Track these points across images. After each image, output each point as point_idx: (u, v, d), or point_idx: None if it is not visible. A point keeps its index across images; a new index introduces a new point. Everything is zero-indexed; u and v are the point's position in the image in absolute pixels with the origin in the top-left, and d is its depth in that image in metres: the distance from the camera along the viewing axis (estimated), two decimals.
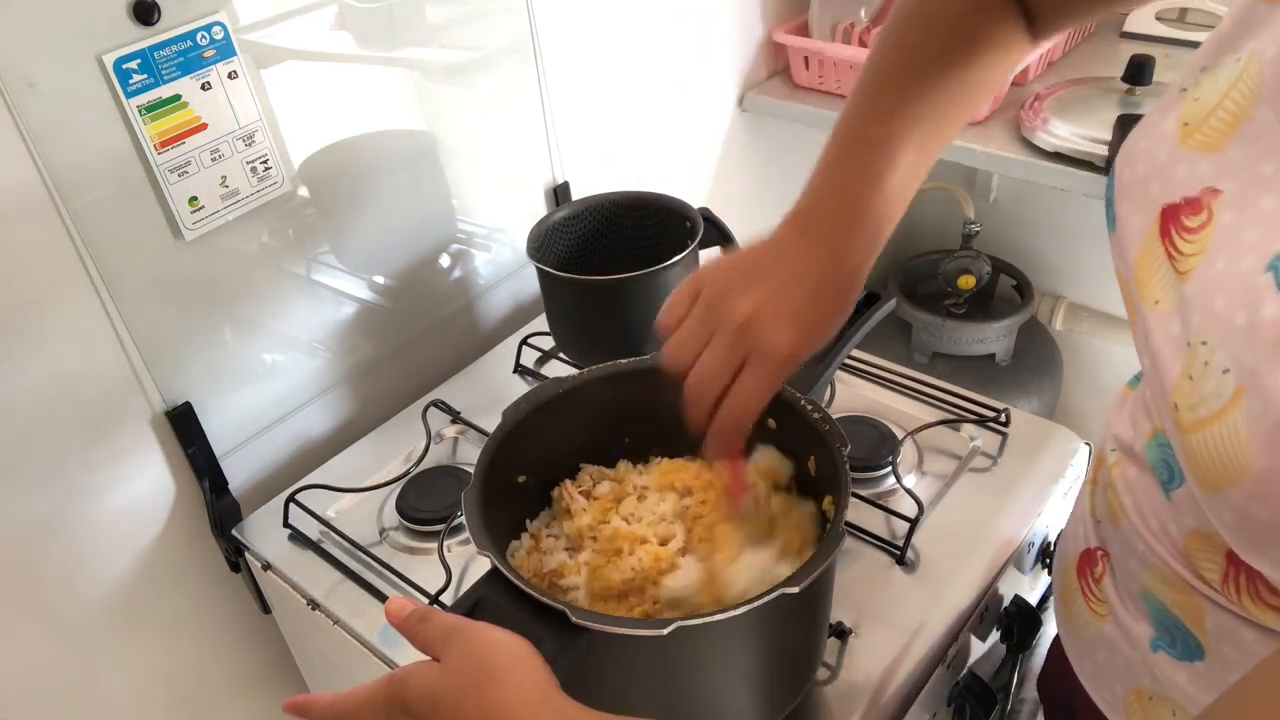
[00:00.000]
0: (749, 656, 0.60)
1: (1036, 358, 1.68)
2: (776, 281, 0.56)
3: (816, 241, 0.57)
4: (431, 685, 0.47)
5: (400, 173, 1.00)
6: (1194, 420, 0.40)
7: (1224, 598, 0.49)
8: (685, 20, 1.26)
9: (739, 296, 0.56)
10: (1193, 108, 0.45)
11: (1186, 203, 0.44)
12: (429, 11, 0.96)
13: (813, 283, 0.57)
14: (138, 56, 0.73)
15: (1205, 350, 0.40)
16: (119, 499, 0.85)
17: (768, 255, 0.58)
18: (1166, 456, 0.51)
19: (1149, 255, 0.45)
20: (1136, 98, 1.21)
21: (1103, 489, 0.60)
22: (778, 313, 0.55)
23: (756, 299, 0.56)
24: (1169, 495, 0.51)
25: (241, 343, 0.90)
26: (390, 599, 0.54)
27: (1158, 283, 0.45)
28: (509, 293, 1.16)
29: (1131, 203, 0.48)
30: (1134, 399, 0.59)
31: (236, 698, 1.04)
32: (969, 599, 0.76)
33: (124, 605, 0.89)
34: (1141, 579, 0.55)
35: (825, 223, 0.58)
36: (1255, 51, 0.43)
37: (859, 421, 0.90)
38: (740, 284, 0.57)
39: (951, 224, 1.73)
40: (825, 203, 0.58)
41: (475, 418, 0.97)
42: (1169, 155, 0.46)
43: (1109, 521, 0.59)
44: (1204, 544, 0.49)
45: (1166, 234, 0.44)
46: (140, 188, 0.77)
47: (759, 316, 0.55)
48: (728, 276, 0.58)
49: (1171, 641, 0.54)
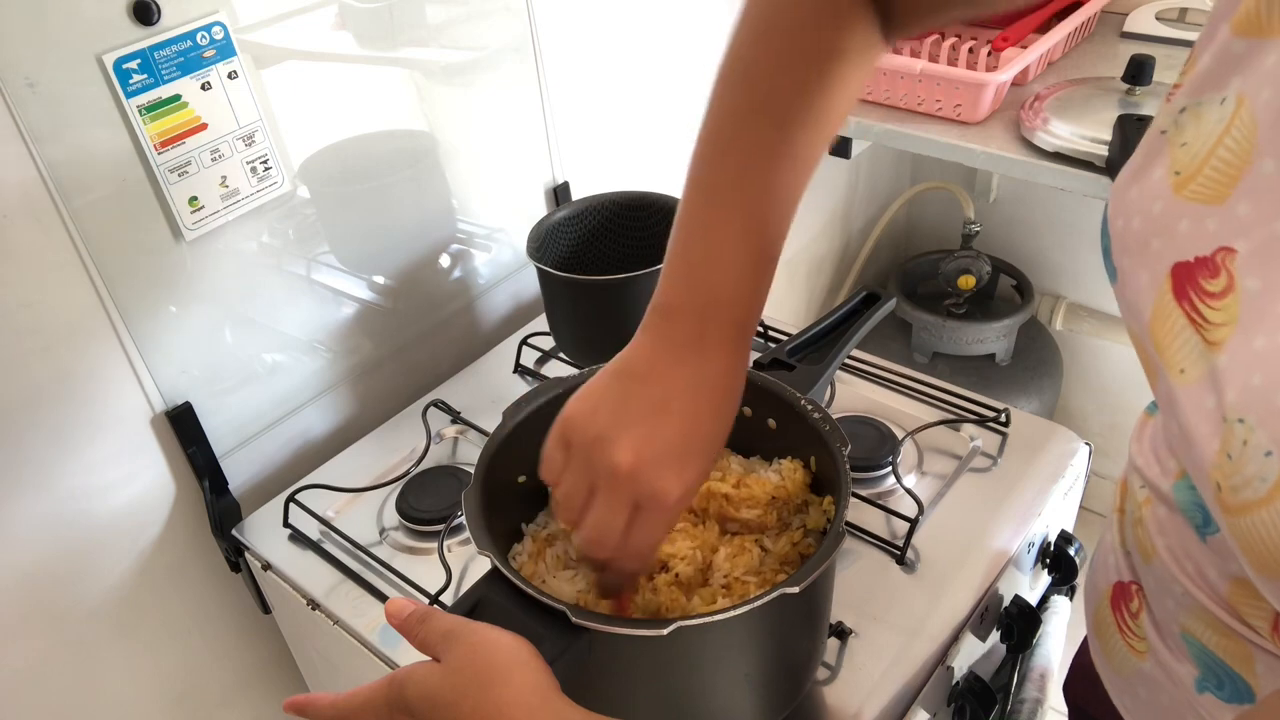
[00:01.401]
0: (749, 656, 0.60)
1: (1036, 358, 1.68)
2: (649, 415, 0.52)
3: (684, 362, 0.53)
4: (431, 686, 0.47)
5: (400, 173, 1.00)
6: (1239, 503, 0.38)
7: (1274, 645, 0.46)
8: (685, 20, 1.26)
9: (613, 445, 0.51)
10: (1180, 155, 0.43)
11: (1199, 263, 0.41)
12: (429, 11, 0.96)
13: (691, 414, 0.52)
14: (138, 56, 0.73)
15: (1243, 429, 0.38)
16: (119, 499, 0.85)
17: (634, 382, 0.53)
18: (1197, 499, 0.49)
19: (1166, 318, 0.43)
20: (1136, 98, 1.21)
21: (1131, 523, 0.57)
22: (658, 457, 0.51)
23: (632, 445, 0.51)
24: (1204, 539, 0.48)
25: (241, 343, 0.90)
26: (390, 600, 0.54)
27: (1181, 349, 0.42)
28: (509, 293, 1.16)
29: (1133, 259, 0.45)
30: (1154, 428, 0.56)
31: (236, 697, 1.04)
32: (969, 599, 0.76)
33: (124, 605, 0.89)
34: (1181, 620, 0.52)
35: (690, 338, 0.53)
36: (1244, 93, 0.40)
37: (859, 421, 0.90)
38: (611, 428, 0.52)
39: (951, 224, 1.73)
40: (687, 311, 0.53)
41: (475, 418, 0.97)
42: (1165, 208, 0.43)
43: (1140, 558, 0.55)
44: (1248, 592, 0.46)
45: (1184, 296, 0.42)
46: (140, 188, 0.77)
47: (640, 465, 0.51)
48: (596, 418, 0.53)
49: (1219, 684, 0.51)
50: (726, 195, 0.53)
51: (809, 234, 1.71)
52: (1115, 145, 1.12)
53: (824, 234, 1.76)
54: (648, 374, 0.53)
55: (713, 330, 0.53)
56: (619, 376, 0.54)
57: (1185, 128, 0.43)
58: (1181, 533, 0.51)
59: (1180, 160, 0.43)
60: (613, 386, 0.54)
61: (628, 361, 0.55)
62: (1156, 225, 0.44)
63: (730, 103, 0.54)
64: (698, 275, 0.53)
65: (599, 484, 0.52)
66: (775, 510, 0.67)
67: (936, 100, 1.29)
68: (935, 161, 1.33)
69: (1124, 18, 1.47)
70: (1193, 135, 0.43)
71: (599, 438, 0.52)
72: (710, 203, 0.54)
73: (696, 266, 0.54)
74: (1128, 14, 1.47)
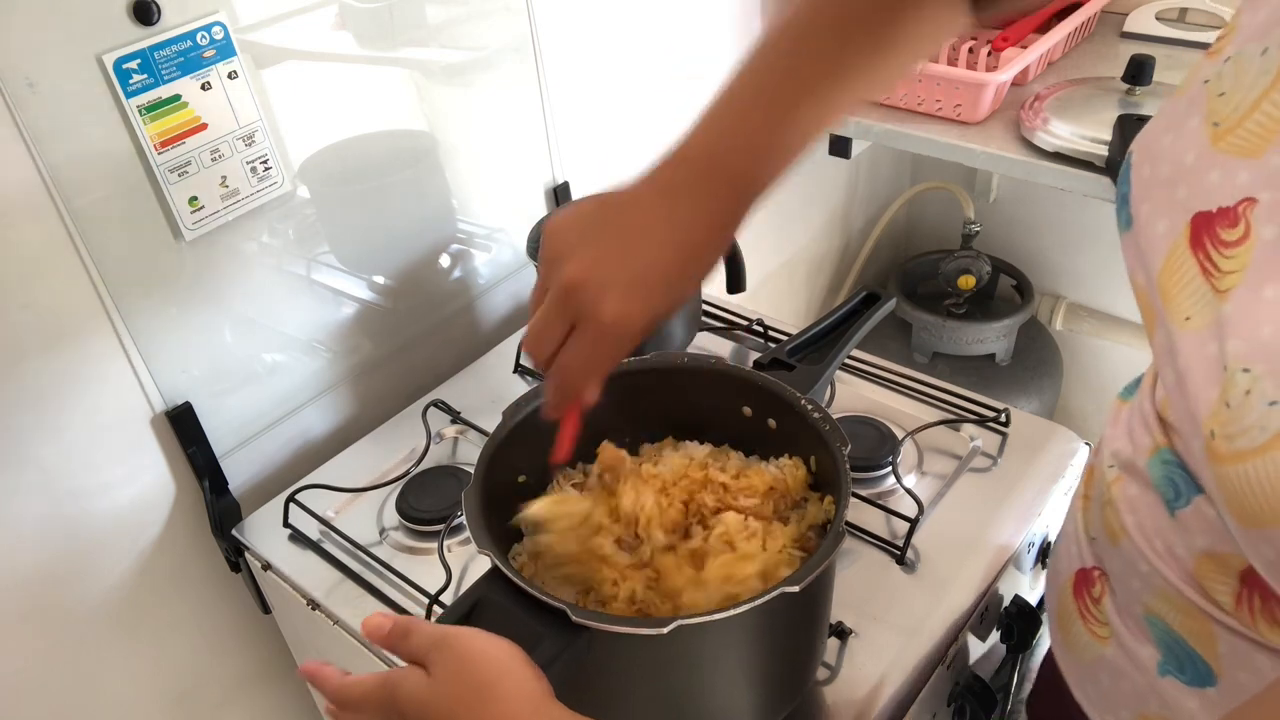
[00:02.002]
0: (749, 656, 0.60)
1: (1036, 358, 1.68)
2: (617, 240, 0.52)
3: (673, 199, 0.53)
4: (422, 696, 0.47)
5: (400, 173, 1.00)
6: (1232, 451, 0.38)
7: (1237, 621, 0.46)
8: (685, 20, 1.26)
9: (568, 261, 0.52)
10: (1220, 106, 0.42)
11: (1220, 213, 0.41)
12: (429, 11, 0.96)
13: (657, 245, 0.52)
14: (138, 56, 0.73)
15: (1247, 378, 0.37)
16: (119, 499, 0.85)
17: (616, 207, 0.53)
18: (1171, 474, 0.49)
19: (1178, 266, 0.43)
20: (1136, 98, 1.21)
21: (1099, 506, 0.57)
22: (608, 278, 0.51)
23: (584, 263, 0.51)
24: (1174, 514, 0.49)
25: (241, 343, 0.90)
26: (365, 618, 0.52)
27: (1189, 297, 0.42)
28: (509, 293, 1.16)
29: (1154, 205, 0.45)
30: (1129, 411, 0.56)
31: (236, 697, 1.04)
32: (969, 599, 0.76)
33: (124, 605, 0.89)
34: (1145, 601, 0.52)
35: (688, 179, 0.53)
36: None
37: (859, 421, 0.90)
38: (575, 245, 0.52)
39: (951, 224, 1.73)
40: (693, 157, 0.54)
41: (475, 418, 0.97)
42: (1198, 158, 0.43)
43: (1106, 540, 0.56)
44: (1216, 566, 0.46)
45: (1199, 245, 0.41)
46: (140, 188, 0.77)
47: (585, 282, 0.51)
48: (566, 235, 0.53)
49: (1180, 666, 0.51)
50: (768, 80, 0.53)
51: (809, 234, 1.71)
52: (1115, 145, 1.12)
53: (824, 234, 1.76)
54: (629, 204, 0.53)
55: (710, 177, 0.53)
56: (602, 202, 0.54)
57: (1224, 78, 0.43)
58: (1152, 509, 0.51)
59: (1219, 111, 0.42)
60: (592, 209, 0.54)
61: (617, 191, 0.54)
62: (1186, 174, 0.43)
63: (804, 12, 0.54)
64: (713, 132, 0.54)
65: (550, 293, 0.53)
66: (773, 502, 0.67)
67: (936, 100, 1.29)
68: (935, 161, 1.33)
69: (1124, 18, 1.47)
70: (1232, 85, 0.42)
71: (560, 253, 0.53)
72: (749, 83, 0.54)
73: (714, 125, 0.54)
74: (1128, 14, 1.47)
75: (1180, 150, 0.44)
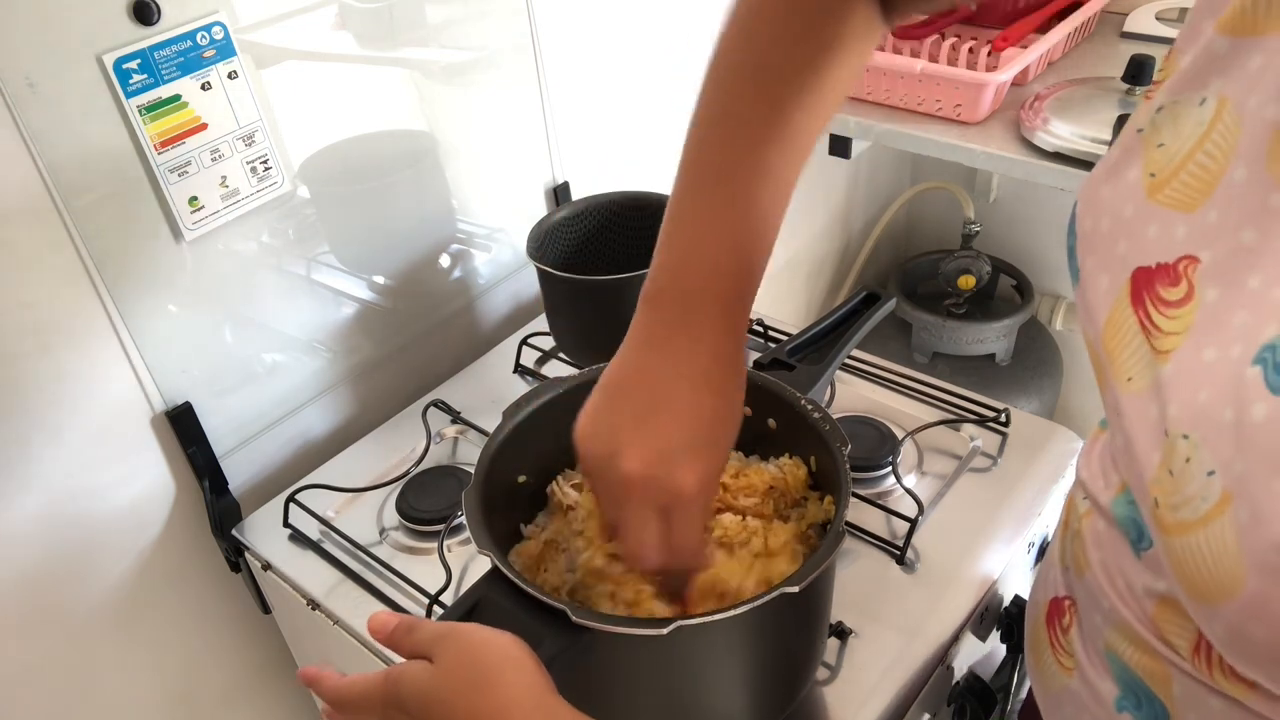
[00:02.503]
0: (749, 656, 0.60)
1: (1036, 358, 1.68)
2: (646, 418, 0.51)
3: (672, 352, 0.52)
4: (425, 685, 0.47)
5: (400, 173, 1.00)
6: (1176, 521, 0.37)
7: (1193, 668, 0.45)
8: (685, 20, 1.26)
9: (619, 460, 0.51)
10: (1157, 156, 0.41)
11: (1160, 269, 0.40)
12: (429, 11, 0.96)
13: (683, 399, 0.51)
14: (138, 56, 0.73)
15: (1186, 445, 0.36)
16: (119, 499, 0.85)
17: (624, 392, 0.53)
18: (1135, 515, 0.47)
19: (1120, 324, 0.42)
20: (1136, 98, 1.21)
21: (1071, 536, 0.56)
22: (665, 455, 0.51)
23: (637, 453, 0.51)
24: (1139, 555, 0.47)
25: (241, 343, 0.90)
26: (372, 615, 0.52)
27: (1130, 357, 0.41)
28: (509, 293, 1.16)
29: (1097, 259, 0.44)
30: (1104, 442, 0.54)
31: (236, 697, 1.04)
32: (969, 599, 0.76)
33: (124, 605, 0.89)
34: (1106, 636, 0.51)
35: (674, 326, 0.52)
36: (1226, 97, 0.39)
37: (859, 421, 0.90)
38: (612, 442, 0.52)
39: (951, 224, 1.73)
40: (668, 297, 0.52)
41: (475, 418, 0.97)
42: (1136, 211, 0.42)
43: (1075, 573, 0.55)
44: (1173, 613, 0.45)
45: (1140, 303, 0.41)
46: (140, 188, 0.77)
47: (649, 470, 0.51)
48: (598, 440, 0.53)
49: (1137, 704, 0.50)
50: (716, 176, 0.52)
51: (809, 234, 1.71)
52: None
53: (824, 234, 1.76)
54: (637, 378, 0.53)
55: (698, 312, 0.52)
56: (609, 391, 0.54)
57: (1162, 128, 0.42)
58: (1116, 547, 0.50)
59: (1156, 162, 0.42)
60: (606, 402, 0.54)
61: (616, 372, 0.54)
62: (1126, 228, 0.42)
63: (724, 79, 0.53)
64: (682, 260, 0.52)
65: (620, 500, 0.52)
66: (772, 501, 0.67)
67: (936, 100, 1.29)
68: (935, 161, 1.33)
69: (1124, 18, 1.47)
70: (1170, 136, 0.41)
71: (606, 457, 0.52)
72: (699, 185, 0.53)
73: (682, 251, 0.53)
74: (1128, 14, 1.47)
75: (1119, 203, 0.43)
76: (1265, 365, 0.34)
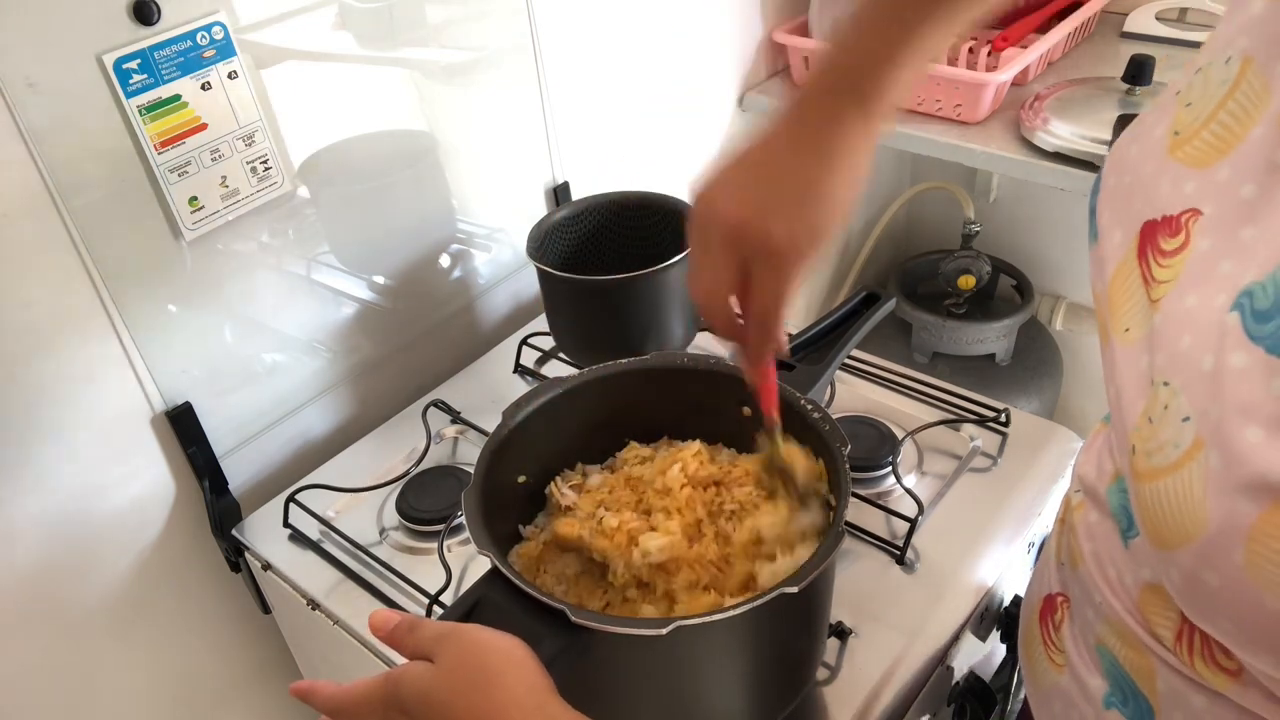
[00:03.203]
0: (749, 656, 0.60)
1: (1036, 358, 1.68)
2: (761, 173, 0.52)
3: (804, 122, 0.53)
4: (426, 685, 0.47)
5: (400, 173, 1.00)
6: (1149, 468, 0.37)
7: (1176, 659, 0.45)
8: (685, 20, 1.26)
9: (722, 205, 0.52)
10: (1184, 115, 0.42)
11: (1165, 221, 0.40)
12: (429, 11, 0.96)
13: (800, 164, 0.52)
14: (138, 56, 0.73)
15: (1167, 392, 0.36)
16: (119, 499, 0.85)
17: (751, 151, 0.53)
18: (1126, 502, 0.48)
19: (1125, 276, 0.42)
20: (1136, 98, 1.21)
21: (1066, 530, 0.57)
22: (766, 207, 0.51)
23: (739, 198, 0.51)
24: (1127, 544, 0.48)
25: (241, 343, 0.90)
26: (373, 613, 0.52)
27: (1131, 308, 0.41)
28: (509, 293, 1.16)
29: (1113, 214, 0.45)
30: (1104, 436, 0.55)
31: (236, 698, 1.04)
32: (969, 599, 0.76)
33: (124, 605, 0.89)
34: (1097, 631, 0.52)
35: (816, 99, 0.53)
36: (1251, 56, 0.39)
37: (859, 421, 0.90)
38: (721, 188, 0.53)
39: (951, 224, 1.73)
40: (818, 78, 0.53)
41: (475, 418, 0.97)
42: (1156, 167, 0.42)
43: (1070, 567, 0.55)
44: (1158, 598, 0.45)
45: (1143, 254, 0.41)
46: (140, 188, 0.77)
47: (746, 216, 0.51)
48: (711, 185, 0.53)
49: (1124, 700, 0.50)
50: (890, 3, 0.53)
51: None
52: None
53: None
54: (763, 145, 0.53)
55: (839, 105, 0.52)
56: (735, 155, 0.54)
57: (1194, 88, 0.42)
58: (1108, 537, 0.50)
59: (1182, 120, 0.42)
60: (729, 161, 0.54)
61: (746, 148, 0.54)
62: (1143, 184, 0.43)
63: None
64: (838, 60, 0.53)
65: (708, 243, 0.52)
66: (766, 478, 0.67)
67: (936, 100, 1.29)
68: (935, 161, 1.33)
69: (1124, 18, 1.47)
70: (1198, 95, 0.41)
71: (708, 200, 0.52)
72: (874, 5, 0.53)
73: (839, 52, 0.54)
74: (1128, 14, 1.47)
75: (1142, 159, 0.44)
76: (1243, 311, 0.34)
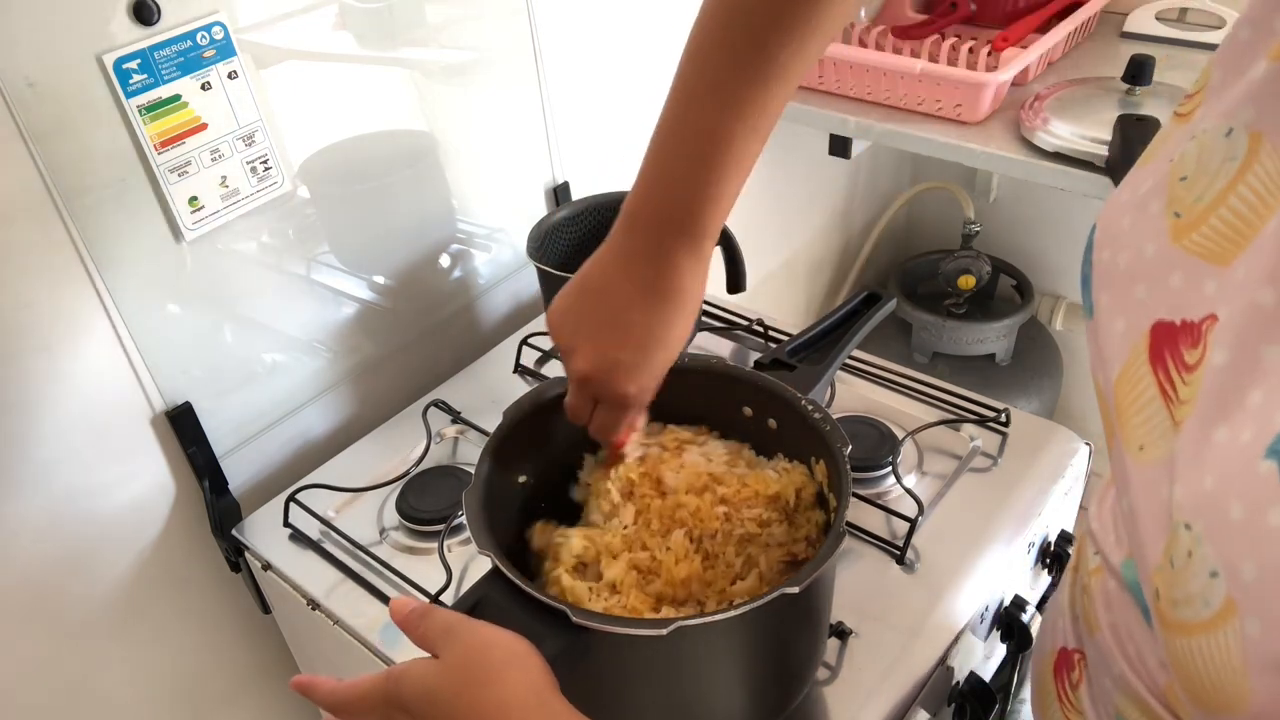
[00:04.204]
0: (749, 656, 0.60)
1: (1036, 358, 1.68)
2: (604, 328, 0.59)
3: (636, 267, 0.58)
4: (428, 682, 0.47)
5: (400, 173, 1.00)
6: (1178, 621, 0.33)
7: None
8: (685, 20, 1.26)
9: (574, 356, 0.61)
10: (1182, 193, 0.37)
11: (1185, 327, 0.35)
12: (429, 11, 0.96)
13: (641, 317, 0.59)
14: (138, 56, 0.73)
15: (1189, 537, 0.32)
16: (119, 499, 0.85)
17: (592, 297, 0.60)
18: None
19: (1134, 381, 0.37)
20: (1136, 98, 1.21)
21: (1080, 589, 0.53)
22: (610, 365, 0.59)
23: (588, 358, 0.60)
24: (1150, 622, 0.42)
25: (241, 343, 0.90)
26: (394, 598, 0.54)
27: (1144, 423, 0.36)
28: (509, 293, 1.16)
29: (1112, 298, 0.40)
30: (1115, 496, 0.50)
31: (236, 697, 1.04)
32: (969, 599, 0.76)
33: (124, 605, 0.89)
34: (1116, 702, 0.48)
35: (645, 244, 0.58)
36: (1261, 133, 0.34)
37: (859, 421, 0.90)
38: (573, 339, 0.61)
39: (951, 224, 1.73)
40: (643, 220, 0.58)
41: (475, 418, 0.97)
42: (1159, 253, 0.37)
43: (1086, 630, 0.52)
44: None
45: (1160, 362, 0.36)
46: (140, 188, 0.77)
47: (595, 375, 0.60)
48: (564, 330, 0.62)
49: None
50: (695, 107, 0.56)
51: (809, 234, 1.71)
52: (1115, 145, 1.12)
53: (824, 234, 1.76)
54: (606, 287, 0.60)
55: (668, 242, 0.58)
56: (582, 292, 0.61)
57: (1188, 159, 0.37)
58: (1127, 612, 0.46)
59: (1182, 199, 0.37)
60: (576, 301, 0.61)
61: (591, 274, 0.61)
62: (1146, 269, 0.38)
63: (710, 16, 0.55)
64: (658, 187, 0.58)
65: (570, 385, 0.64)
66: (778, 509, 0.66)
67: (936, 100, 1.29)
68: (935, 161, 1.33)
69: (1124, 18, 1.47)
70: (1194, 170, 0.37)
71: (566, 349, 0.62)
72: (680, 114, 0.57)
73: (658, 178, 0.58)
74: (1128, 14, 1.47)
75: (1140, 238, 0.39)
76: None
